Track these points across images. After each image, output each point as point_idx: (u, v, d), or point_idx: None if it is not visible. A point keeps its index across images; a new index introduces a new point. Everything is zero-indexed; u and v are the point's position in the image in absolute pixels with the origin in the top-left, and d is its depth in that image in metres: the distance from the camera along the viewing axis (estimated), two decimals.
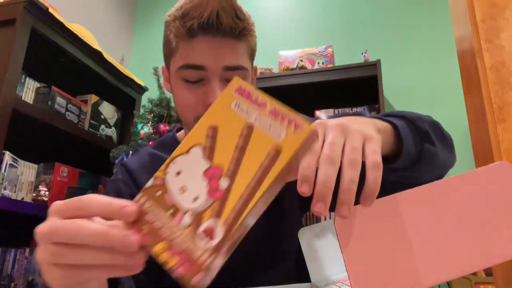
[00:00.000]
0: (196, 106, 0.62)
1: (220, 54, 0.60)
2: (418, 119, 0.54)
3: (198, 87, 0.62)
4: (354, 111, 1.93)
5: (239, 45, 0.62)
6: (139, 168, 0.72)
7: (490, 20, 0.79)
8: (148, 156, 0.76)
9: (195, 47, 0.60)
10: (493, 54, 0.77)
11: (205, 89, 0.61)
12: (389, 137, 0.47)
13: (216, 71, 0.60)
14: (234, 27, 0.59)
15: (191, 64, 0.60)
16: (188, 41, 0.60)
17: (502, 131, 0.73)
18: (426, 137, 0.53)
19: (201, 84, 0.62)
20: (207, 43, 0.59)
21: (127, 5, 2.69)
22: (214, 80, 0.61)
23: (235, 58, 0.61)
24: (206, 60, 0.60)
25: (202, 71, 0.61)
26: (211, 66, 0.60)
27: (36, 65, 1.56)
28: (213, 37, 0.59)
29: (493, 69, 0.77)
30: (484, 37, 0.78)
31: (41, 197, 1.48)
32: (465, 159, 1.89)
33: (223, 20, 0.58)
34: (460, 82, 0.97)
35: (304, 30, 2.37)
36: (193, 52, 0.60)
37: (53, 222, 0.32)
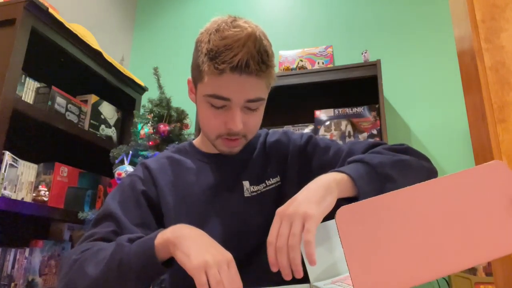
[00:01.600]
0: (219, 127, 0.73)
1: (245, 90, 0.69)
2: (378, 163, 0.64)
3: (222, 112, 0.71)
4: (354, 111, 1.93)
5: (260, 81, 0.70)
6: (158, 169, 0.80)
7: (490, 20, 0.79)
8: (166, 159, 0.84)
9: (222, 81, 0.68)
10: (493, 54, 0.77)
11: (228, 115, 0.71)
12: (347, 186, 0.61)
13: (239, 102, 0.70)
14: (258, 70, 0.67)
15: (218, 95, 0.69)
16: (217, 77, 0.68)
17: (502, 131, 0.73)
18: (387, 179, 0.63)
19: (224, 110, 0.71)
20: (233, 80, 0.67)
21: (127, 5, 2.69)
22: (236, 109, 0.70)
23: (256, 92, 0.71)
24: (232, 94, 0.69)
25: (227, 101, 0.70)
26: (235, 98, 0.69)
27: (36, 65, 1.57)
28: (239, 75, 0.67)
29: (493, 69, 0.77)
30: (484, 37, 0.78)
31: (41, 197, 1.48)
32: (465, 159, 1.89)
33: (250, 65, 0.66)
34: (460, 82, 0.97)
35: (304, 30, 2.37)
36: (221, 85, 0.68)
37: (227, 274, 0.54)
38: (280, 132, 0.89)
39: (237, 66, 0.66)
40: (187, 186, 0.79)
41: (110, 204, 0.74)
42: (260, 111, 0.76)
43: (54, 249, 1.57)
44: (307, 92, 2.06)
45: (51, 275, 1.54)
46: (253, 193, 0.79)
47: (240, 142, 0.76)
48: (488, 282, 1.37)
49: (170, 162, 0.83)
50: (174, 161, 0.83)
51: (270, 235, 0.54)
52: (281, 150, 0.84)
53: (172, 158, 0.84)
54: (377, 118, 1.87)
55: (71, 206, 1.62)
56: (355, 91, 1.98)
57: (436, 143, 1.97)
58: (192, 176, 0.80)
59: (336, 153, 0.79)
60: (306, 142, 0.84)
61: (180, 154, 0.85)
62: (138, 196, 0.76)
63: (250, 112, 0.73)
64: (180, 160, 0.83)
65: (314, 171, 0.80)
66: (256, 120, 0.75)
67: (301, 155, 0.83)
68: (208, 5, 2.57)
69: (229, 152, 0.77)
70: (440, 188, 0.37)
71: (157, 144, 1.60)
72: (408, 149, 0.75)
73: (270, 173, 0.81)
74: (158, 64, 1.77)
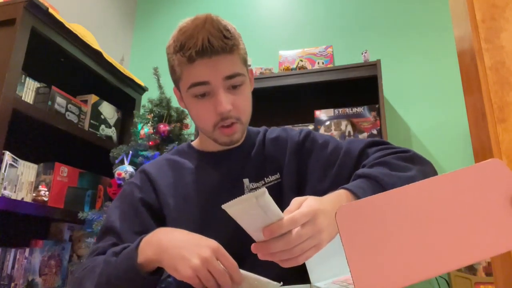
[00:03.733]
0: (211, 117, 0.73)
1: (218, 68, 0.71)
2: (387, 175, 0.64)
3: (208, 100, 0.73)
4: (354, 111, 1.93)
5: (231, 57, 0.72)
6: (157, 173, 0.81)
7: (490, 20, 0.79)
8: (165, 161, 0.85)
9: (196, 69, 0.71)
10: (493, 54, 0.77)
11: (214, 100, 0.72)
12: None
13: (218, 82, 0.71)
14: (224, 47, 0.70)
15: (196, 82, 0.72)
16: (189, 66, 0.71)
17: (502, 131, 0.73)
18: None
19: (209, 97, 0.73)
20: (205, 64, 0.70)
21: (127, 5, 2.69)
22: (219, 91, 0.71)
23: (231, 68, 0.72)
24: (208, 76, 0.71)
25: (207, 86, 0.71)
26: (213, 79, 0.71)
27: (36, 65, 1.56)
28: (209, 58, 0.70)
29: (493, 69, 0.77)
30: (484, 37, 0.78)
31: (41, 197, 1.48)
32: (465, 159, 1.89)
33: (213, 43, 0.69)
34: (460, 82, 0.97)
35: (304, 30, 2.37)
36: (196, 73, 0.71)
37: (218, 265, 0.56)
38: (279, 129, 0.89)
39: (202, 49, 0.68)
40: (187, 187, 0.79)
41: (110, 217, 0.77)
42: (245, 92, 0.76)
43: (54, 249, 1.57)
44: (307, 92, 2.05)
45: (51, 275, 1.54)
46: (253, 190, 0.78)
47: (237, 128, 0.75)
48: (488, 282, 1.37)
49: (169, 164, 0.84)
50: (173, 163, 0.84)
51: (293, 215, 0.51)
52: (280, 146, 0.84)
53: (171, 160, 0.85)
54: (377, 118, 1.87)
55: (71, 206, 1.62)
56: (355, 91, 1.98)
57: (436, 143, 1.97)
58: (192, 177, 0.81)
59: (335, 150, 0.79)
60: (304, 137, 0.84)
61: (179, 155, 0.86)
62: (137, 204, 0.77)
63: (235, 92, 0.74)
64: (179, 161, 0.84)
65: (312, 167, 0.80)
66: (244, 100, 0.76)
67: (299, 151, 0.82)
68: (208, 5, 2.57)
69: (230, 141, 0.77)
70: (439, 186, 0.37)
71: (157, 144, 1.60)
72: (414, 157, 0.75)
73: (269, 170, 0.81)
74: (158, 64, 1.77)
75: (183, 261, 0.55)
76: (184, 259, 0.55)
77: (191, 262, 0.54)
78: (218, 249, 0.56)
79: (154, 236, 0.62)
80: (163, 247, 0.58)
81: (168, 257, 0.57)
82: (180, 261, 0.55)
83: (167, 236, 0.61)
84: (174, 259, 0.56)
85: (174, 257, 0.56)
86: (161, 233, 0.62)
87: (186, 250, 0.56)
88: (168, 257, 0.57)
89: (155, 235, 0.62)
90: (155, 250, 0.59)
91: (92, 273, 0.64)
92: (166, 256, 0.57)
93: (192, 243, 0.57)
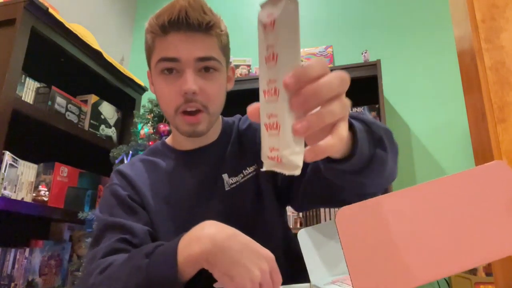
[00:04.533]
0: (175, 97, 0.67)
1: (192, 46, 0.66)
2: (375, 124, 0.53)
3: (175, 79, 0.67)
4: (354, 111, 1.93)
5: (209, 38, 0.68)
6: (133, 173, 0.75)
7: (490, 20, 0.79)
8: (141, 162, 0.79)
9: (168, 41, 0.66)
10: (493, 54, 0.77)
11: (181, 80, 0.67)
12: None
13: (189, 62, 0.66)
14: (201, 21, 0.65)
15: (166, 57, 0.67)
16: (162, 38, 0.67)
17: (502, 131, 0.73)
18: (379, 143, 0.52)
19: (177, 76, 0.68)
20: (179, 38, 0.66)
21: (127, 5, 2.69)
22: (188, 70, 0.66)
23: (206, 50, 0.67)
24: (180, 52, 0.66)
25: (177, 63, 0.67)
26: (184, 57, 0.66)
27: (36, 65, 1.56)
28: (184, 32, 0.66)
29: (493, 69, 0.77)
30: (484, 37, 0.79)
31: (41, 197, 1.48)
32: (465, 159, 1.89)
33: (190, 15, 0.65)
34: (460, 82, 0.97)
35: (304, 30, 2.37)
36: (168, 46, 0.67)
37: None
38: None
39: (178, 19, 0.65)
40: (165, 188, 0.74)
41: (102, 219, 0.68)
42: (218, 80, 0.70)
43: (54, 249, 1.57)
44: None
45: (51, 275, 1.54)
46: (232, 185, 0.74)
47: (202, 117, 0.69)
48: (488, 282, 1.37)
49: (146, 165, 0.78)
50: (150, 164, 0.78)
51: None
52: (253, 135, 0.79)
53: (147, 161, 0.79)
54: (377, 118, 1.87)
55: (71, 206, 1.62)
56: (355, 91, 1.96)
57: (436, 143, 1.97)
58: (170, 178, 0.75)
59: None
60: None
61: (155, 156, 0.80)
62: (126, 201, 0.70)
63: (206, 76, 0.68)
64: (155, 162, 0.78)
65: None
66: (214, 88, 0.69)
67: None
68: None
69: (193, 132, 0.69)
70: (441, 188, 0.37)
71: None
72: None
73: (246, 162, 0.76)
74: None
75: (240, 268, 0.47)
76: (245, 267, 0.47)
77: (252, 274, 0.47)
78: (273, 262, 0.50)
79: (205, 230, 0.51)
80: (218, 245, 0.48)
81: (223, 260, 0.48)
82: (237, 268, 0.47)
83: (222, 233, 0.50)
84: (230, 264, 0.48)
85: (233, 261, 0.48)
86: (213, 226, 0.51)
87: (247, 258, 0.48)
88: (222, 260, 0.48)
89: (205, 229, 0.51)
90: (206, 246, 0.49)
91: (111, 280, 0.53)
92: (220, 258, 0.48)
93: (252, 249, 0.50)
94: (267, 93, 0.33)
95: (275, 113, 0.32)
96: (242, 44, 2.36)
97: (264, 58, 0.33)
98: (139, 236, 0.64)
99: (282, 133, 0.31)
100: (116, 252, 0.60)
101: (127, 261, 0.54)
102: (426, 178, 1.88)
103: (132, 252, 0.56)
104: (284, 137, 0.31)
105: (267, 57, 0.32)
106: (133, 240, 0.63)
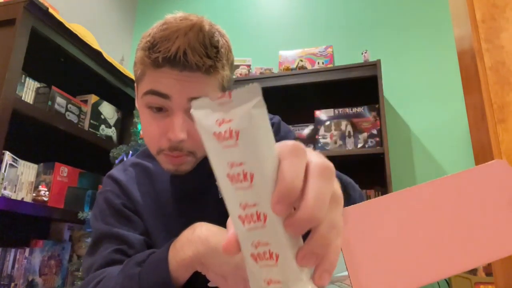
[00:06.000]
0: (159, 139, 0.60)
1: (186, 86, 0.57)
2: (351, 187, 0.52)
3: (162, 118, 0.60)
4: (354, 111, 1.93)
5: (208, 79, 0.59)
6: (127, 180, 0.71)
7: (490, 20, 0.79)
8: (133, 167, 0.74)
9: (161, 76, 0.58)
10: (493, 54, 0.77)
11: (169, 121, 0.59)
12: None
13: (181, 102, 0.58)
14: (201, 66, 0.57)
15: (156, 91, 0.58)
16: (154, 70, 0.58)
17: (502, 131, 0.73)
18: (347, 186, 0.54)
19: (165, 115, 0.60)
20: (173, 75, 0.57)
21: (127, 5, 2.69)
22: (178, 113, 0.58)
23: (202, 91, 0.58)
24: (172, 90, 0.58)
25: (167, 100, 0.58)
26: (176, 96, 0.58)
27: (36, 65, 1.56)
28: (179, 71, 0.57)
29: (493, 69, 0.77)
30: (484, 37, 0.78)
31: (41, 197, 1.48)
32: (465, 159, 1.89)
33: (189, 58, 0.56)
34: (460, 82, 0.97)
35: (304, 30, 2.37)
36: (159, 80, 0.58)
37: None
38: None
39: (174, 58, 0.56)
40: (159, 195, 0.70)
41: (98, 228, 0.64)
42: None
43: (54, 249, 1.57)
44: (307, 92, 2.06)
45: (51, 275, 1.54)
46: None
47: (186, 160, 0.62)
48: (488, 282, 1.37)
49: (138, 170, 0.73)
50: (142, 169, 0.73)
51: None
52: None
53: (139, 165, 0.74)
54: (377, 118, 1.87)
55: (71, 206, 1.62)
56: (355, 91, 1.98)
57: (436, 143, 1.97)
58: (163, 183, 0.71)
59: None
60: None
61: (148, 159, 0.75)
62: (121, 210, 0.67)
63: None
64: (148, 167, 0.73)
65: None
66: None
67: None
68: (208, 5, 2.56)
69: (176, 171, 0.63)
70: (442, 188, 0.36)
71: None
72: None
73: None
74: None
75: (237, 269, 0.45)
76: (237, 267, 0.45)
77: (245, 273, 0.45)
78: None
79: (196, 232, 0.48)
80: (210, 246, 0.46)
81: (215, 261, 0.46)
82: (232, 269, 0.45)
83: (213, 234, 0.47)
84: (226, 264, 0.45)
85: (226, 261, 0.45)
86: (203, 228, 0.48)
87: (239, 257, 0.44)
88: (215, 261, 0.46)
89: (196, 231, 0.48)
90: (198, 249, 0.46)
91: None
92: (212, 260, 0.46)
93: None
94: (246, 220, 0.27)
95: (264, 241, 0.26)
96: (242, 44, 2.36)
97: (227, 176, 0.26)
98: (135, 246, 0.62)
99: (283, 263, 0.26)
100: (112, 263, 0.58)
101: (121, 272, 0.52)
102: (426, 178, 1.88)
103: (126, 262, 0.54)
104: (287, 267, 0.26)
105: (233, 176, 0.26)
106: (128, 251, 0.61)
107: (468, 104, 0.92)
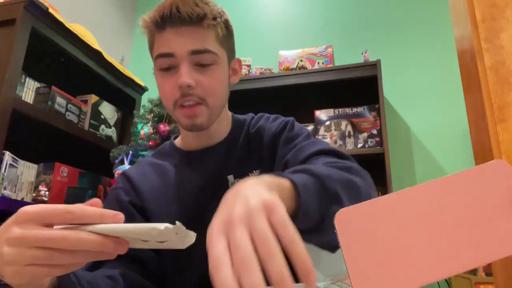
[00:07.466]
0: (172, 92, 0.68)
1: (185, 40, 0.66)
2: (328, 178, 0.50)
3: (172, 75, 0.68)
4: (354, 111, 1.93)
5: (204, 31, 0.67)
6: (139, 177, 0.76)
7: (490, 20, 0.79)
8: (149, 166, 0.79)
9: (163, 38, 0.67)
10: (493, 54, 0.77)
11: (177, 75, 0.67)
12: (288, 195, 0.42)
13: (183, 56, 0.66)
14: (192, 14, 0.65)
15: (161, 53, 0.67)
16: (159, 35, 0.68)
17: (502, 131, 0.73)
18: (335, 198, 0.49)
19: (174, 72, 0.68)
20: (173, 33, 0.66)
21: (127, 6, 2.69)
22: (183, 64, 0.66)
23: (200, 42, 0.67)
24: (173, 47, 0.66)
25: (172, 58, 0.67)
26: (178, 52, 0.66)
27: (36, 65, 1.56)
28: (178, 27, 0.66)
29: (493, 69, 0.77)
30: (484, 37, 0.79)
31: (41, 197, 1.48)
32: (465, 159, 1.89)
33: (181, 9, 0.65)
34: (460, 82, 0.97)
35: (304, 30, 2.37)
36: (163, 42, 0.67)
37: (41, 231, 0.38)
38: (263, 118, 0.82)
39: (169, 14, 0.65)
40: (170, 191, 0.74)
41: None
42: (216, 73, 0.69)
43: None
44: (307, 92, 2.06)
45: None
46: None
47: (200, 110, 0.68)
48: (488, 282, 1.37)
49: (152, 168, 0.78)
50: (156, 167, 0.79)
51: (211, 259, 0.30)
52: (260, 139, 0.77)
53: (154, 164, 0.80)
54: (377, 118, 1.87)
55: None
56: (355, 91, 1.98)
57: (436, 143, 1.97)
58: (175, 180, 0.75)
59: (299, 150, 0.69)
60: (281, 130, 0.76)
61: (162, 158, 0.81)
62: (127, 206, 0.71)
63: (203, 71, 0.68)
64: (161, 165, 0.79)
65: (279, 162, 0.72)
66: (211, 81, 0.68)
67: (274, 145, 0.76)
68: None
69: (192, 125, 0.69)
70: (441, 188, 0.36)
71: (157, 144, 1.60)
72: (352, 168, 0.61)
73: (252, 165, 0.75)
74: None
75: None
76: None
77: None
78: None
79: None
80: None
81: None
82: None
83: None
84: None
85: None
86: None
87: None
88: None
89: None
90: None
91: None
92: None
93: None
94: None
95: None
96: (242, 44, 2.36)
97: None
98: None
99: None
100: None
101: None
102: (426, 178, 1.88)
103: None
104: None
105: None
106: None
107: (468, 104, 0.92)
